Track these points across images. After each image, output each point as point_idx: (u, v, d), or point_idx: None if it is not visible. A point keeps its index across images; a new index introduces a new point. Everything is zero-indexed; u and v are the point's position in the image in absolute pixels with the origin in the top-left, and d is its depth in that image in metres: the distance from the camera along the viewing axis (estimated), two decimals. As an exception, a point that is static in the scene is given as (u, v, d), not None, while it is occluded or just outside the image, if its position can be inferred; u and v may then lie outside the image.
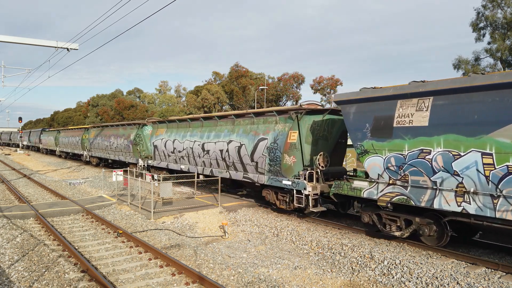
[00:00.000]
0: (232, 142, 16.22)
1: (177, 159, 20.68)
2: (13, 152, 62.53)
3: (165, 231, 12.66)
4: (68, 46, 16.49)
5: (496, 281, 8.00)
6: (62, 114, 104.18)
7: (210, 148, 17.64)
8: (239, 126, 16.48)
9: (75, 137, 40.60)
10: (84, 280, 8.48)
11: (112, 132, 30.81)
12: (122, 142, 28.26)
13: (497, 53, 41.01)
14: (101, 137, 32.89)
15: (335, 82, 63.08)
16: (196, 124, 19.81)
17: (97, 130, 35.07)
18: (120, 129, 29.71)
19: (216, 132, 17.58)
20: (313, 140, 13.90)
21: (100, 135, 33.38)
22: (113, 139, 29.92)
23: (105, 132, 32.42)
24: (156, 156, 23.16)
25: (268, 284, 8.36)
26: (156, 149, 22.80)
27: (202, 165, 18.67)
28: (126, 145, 27.35)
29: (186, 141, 19.64)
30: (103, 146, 32.23)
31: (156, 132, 23.24)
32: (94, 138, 34.64)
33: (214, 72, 68.59)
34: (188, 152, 19.41)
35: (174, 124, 21.84)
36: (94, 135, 34.73)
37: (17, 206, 16.35)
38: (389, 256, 9.55)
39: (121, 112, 69.92)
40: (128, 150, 27.17)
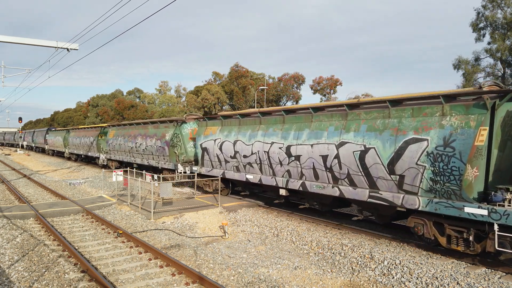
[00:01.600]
0: (347, 145, 11.42)
1: (241, 167, 16.01)
2: (13, 152, 62.53)
3: (165, 231, 12.66)
4: (68, 46, 16.50)
5: (496, 281, 8.00)
6: (62, 114, 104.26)
7: (301, 152, 12.94)
8: (357, 121, 11.46)
9: (88, 138, 36.01)
10: (84, 280, 8.48)
11: (139, 132, 26.18)
12: (153, 143, 23.61)
13: (497, 53, 41.04)
14: (123, 138, 28.23)
15: (334, 82, 63.11)
16: (273, 120, 14.82)
17: (117, 129, 30.51)
18: (150, 128, 25.05)
19: (313, 130, 12.77)
20: (501, 142, 9.39)
21: (122, 135, 28.77)
22: (141, 139, 25.36)
23: (129, 132, 27.77)
24: (205, 161, 18.36)
25: (268, 284, 8.36)
26: (206, 153, 18.06)
27: (286, 176, 13.83)
28: (160, 147, 22.69)
29: (257, 143, 14.96)
30: (126, 148, 27.64)
31: (205, 131, 18.45)
32: (113, 139, 30.04)
33: (214, 72, 68.66)
34: (261, 158, 14.76)
35: (234, 121, 16.95)
36: (114, 135, 30.15)
37: (17, 206, 16.35)
38: (389, 256, 9.55)
39: (121, 112, 69.94)
40: (163, 153, 22.48)
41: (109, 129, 32.50)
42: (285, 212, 15.14)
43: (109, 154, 31.44)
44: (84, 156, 39.31)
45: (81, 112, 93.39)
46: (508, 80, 40.77)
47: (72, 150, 42.16)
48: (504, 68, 42.20)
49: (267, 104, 59.37)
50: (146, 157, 25.06)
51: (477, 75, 43.14)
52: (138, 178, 17.24)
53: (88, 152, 36.58)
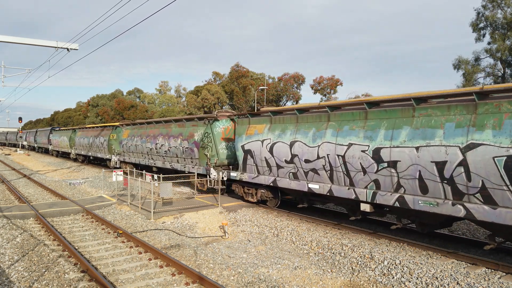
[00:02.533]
0: (481, 148, 8.50)
1: (300, 174, 13.17)
2: (13, 152, 62.52)
3: (165, 231, 12.66)
4: (68, 46, 16.51)
5: (496, 281, 8.00)
6: (62, 114, 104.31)
7: (399, 157, 9.94)
8: (497, 115, 8.46)
9: (98, 138, 33.14)
10: (84, 280, 8.48)
11: (160, 131, 23.67)
12: (178, 144, 21.00)
13: (497, 53, 41.05)
14: (140, 138, 25.68)
15: (335, 82, 63.10)
16: (349, 115, 11.78)
17: (133, 129, 27.89)
18: (174, 127, 22.46)
19: (417, 128, 9.75)
20: None
21: (138, 135, 26.22)
22: (162, 140, 22.79)
23: (148, 131, 25.26)
24: (248, 166, 15.58)
25: (268, 284, 8.36)
26: (250, 156, 15.29)
27: (372, 187, 10.89)
28: (187, 148, 20.11)
29: (326, 145, 12.00)
30: (144, 149, 24.97)
31: (248, 130, 15.62)
32: (128, 139, 27.46)
33: (214, 72, 68.67)
34: (332, 163, 11.84)
35: (289, 117, 13.96)
36: (129, 135, 27.59)
37: (17, 206, 16.35)
38: (389, 256, 9.55)
39: (121, 112, 69.94)
40: (190, 156, 20.06)
41: (122, 128, 29.71)
42: (285, 212, 15.13)
43: (122, 155, 28.72)
44: (93, 157, 36.26)
45: (81, 112, 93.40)
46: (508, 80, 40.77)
47: (79, 151, 39.25)
48: (504, 68, 42.20)
49: (267, 104, 59.36)
50: (169, 159, 22.34)
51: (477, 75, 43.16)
52: (138, 178, 17.24)
53: (98, 153, 33.74)
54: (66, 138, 43.19)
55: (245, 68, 63.54)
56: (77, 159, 41.02)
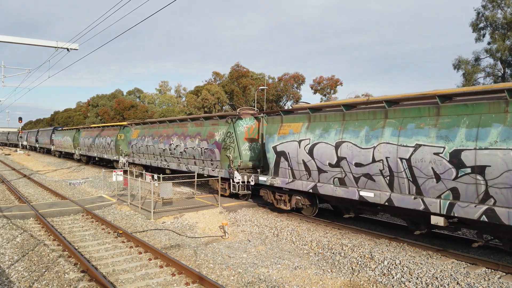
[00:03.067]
0: None
1: (349, 179, 11.47)
2: (13, 152, 62.51)
3: (165, 231, 12.66)
4: (68, 46, 16.51)
5: (496, 281, 8.00)
6: (62, 114, 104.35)
7: (488, 161, 8.39)
8: None
9: (104, 138, 31.48)
10: (84, 280, 8.48)
11: (174, 131, 22.08)
12: (196, 145, 19.42)
13: (497, 53, 41.04)
14: (152, 138, 24.06)
15: (335, 82, 63.08)
16: (414, 111, 10.11)
17: (143, 128, 26.36)
18: (191, 126, 20.93)
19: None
20: None
21: (149, 135, 24.56)
22: (177, 140, 21.24)
23: (160, 131, 23.69)
24: (281, 170, 13.85)
25: (268, 284, 8.36)
26: (284, 159, 13.62)
27: (448, 197, 9.23)
28: (207, 149, 18.48)
29: (384, 146, 10.33)
30: (156, 150, 23.34)
31: (281, 129, 13.94)
32: (138, 139, 25.83)
33: (214, 72, 68.67)
34: (392, 168, 10.17)
35: (333, 115, 12.30)
36: (139, 135, 26.02)
37: (17, 206, 16.35)
38: (389, 256, 9.55)
39: (121, 112, 69.94)
40: (210, 158, 18.38)
41: (131, 128, 28.00)
42: (285, 212, 15.12)
43: (131, 157, 27.00)
44: (99, 158, 34.39)
45: (81, 112, 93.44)
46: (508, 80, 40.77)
47: (83, 151, 37.61)
48: (504, 68, 42.21)
49: (267, 104, 59.38)
50: (185, 161, 20.69)
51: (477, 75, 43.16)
52: (138, 178, 17.24)
53: (104, 154, 32.01)
54: (69, 138, 41.73)
55: (245, 68, 63.56)
56: (81, 160, 39.46)
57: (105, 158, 32.33)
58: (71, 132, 42.34)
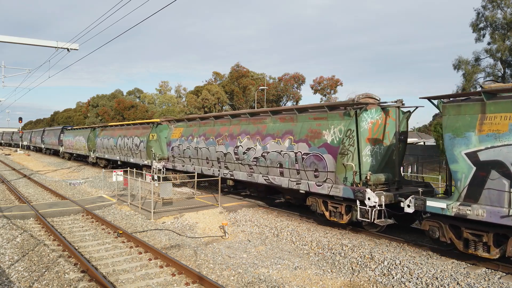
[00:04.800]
0: None
1: None
2: (13, 152, 62.51)
3: (165, 231, 12.67)
4: (68, 46, 16.52)
5: (496, 282, 8.01)
6: (62, 114, 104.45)
7: None
8: None
9: (130, 138, 26.91)
10: (84, 280, 8.48)
11: (242, 128, 16.66)
12: (287, 148, 14.02)
13: (497, 54, 41.04)
14: (204, 138, 18.96)
15: (335, 82, 63.13)
16: None
17: (188, 126, 21.14)
18: (271, 122, 15.32)
19: None
20: None
21: (199, 135, 19.51)
22: (248, 141, 15.92)
23: (217, 129, 18.52)
24: (485, 192, 8.83)
25: (268, 284, 8.36)
26: (498, 173, 8.60)
27: None
28: (308, 154, 13.18)
29: None
30: (212, 154, 18.34)
31: (481, 124, 9.05)
32: (181, 140, 20.86)
33: (215, 72, 68.78)
34: None
35: None
36: (183, 135, 20.95)
37: (17, 206, 16.35)
38: (389, 257, 9.55)
39: (121, 112, 69.95)
40: (315, 167, 12.96)
41: (170, 126, 23.28)
42: (285, 212, 15.12)
43: (170, 161, 21.95)
44: (122, 163, 28.99)
45: (81, 112, 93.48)
46: (508, 80, 40.79)
47: (100, 154, 32.81)
48: (504, 68, 42.22)
49: (267, 104, 59.38)
50: (263, 170, 15.14)
51: (477, 75, 43.17)
52: (138, 178, 17.24)
53: (130, 157, 27.05)
54: (83, 139, 36.69)
55: (245, 68, 63.63)
56: (98, 164, 34.67)
57: (130, 163, 26.79)
58: (85, 131, 37.43)
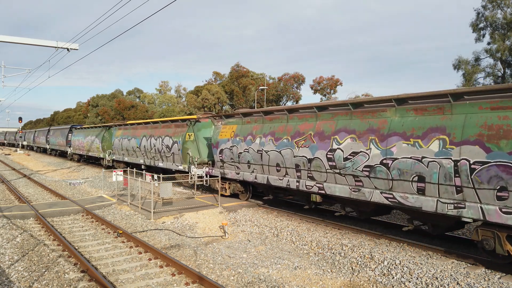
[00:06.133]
0: None
1: None
2: (13, 152, 62.49)
3: (165, 231, 12.66)
4: (68, 46, 16.52)
5: (496, 281, 8.01)
6: (61, 114, 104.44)
7: None
8: None
9: (158, 139, 22.70)
10: (84, 280, 8.47)
11: (338, 124, 11.80)
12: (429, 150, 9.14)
13: (497, 54, 41.05)
14: (269, 139, 14.06)
15: (335, 82, 63.17)
16: None
17: (243, 123, 15.96)
18: (398, 113, 10.26)
19: None
20: None
21: (262, 134, 14.48)
22: (357, 142, 10.98)
23: (289, 126, 13.54)
24: None
25: (268, 284, 8.36)
26: None
27: None
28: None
29: None
30: (284, 160, 13.36)
31: None
32: (234, 141, 15.96)
33: (215, 72, 68.83)
34: None
35: None
36: (236, 135, 15.92)
37: (17, 206, 16.35)
38: (389, 257, 9.55)
39: (121, 112, 69.93)
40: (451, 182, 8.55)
41: (217, 124, 17.88)
42: (285, 212, 15.12)
43: (220, 168, 17.32)
44: (147, 167, 24.93)
45: (81, 112, 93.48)
46: (508, 80, 40.79)
47: (119, 157, 28.73)
48: (504, 68, 42.24)
49: (267, 104, 59.36)
50: (392, 185, 10.18)
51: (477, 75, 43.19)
52: (138, 178, 17.24)
53: (158, 161, 23.00)
54: (97, 139, 32.90)
55: (245, 68, 63.66)
56: (114, 167, 29.73)
57: (159, 167, 22.95)
58: (98, 131, 33.67)
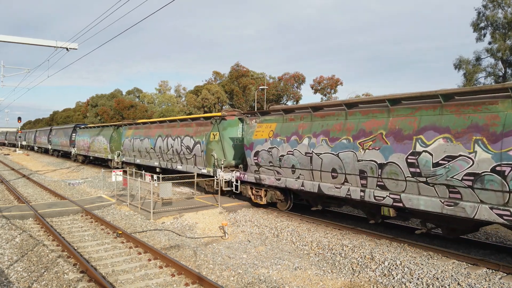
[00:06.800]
0: None
1: None
2: (12, 152, 62.44)
3: (165, 232, 12.63)
4: (67, 46, 16.49)
5: (497, 282, 7.97)
6: (61, 114, 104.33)
7: None
8: None
9: (177, 139, 20.50)
10: (83, 281, 8.44)
11: (421, 121, 9.34)
12: None
13: (498, 53, 41.02)
14: (321, 139, 11.91)
15: (335, 82, 63.16)
16: None
17: (286, 121, 13.62)
18: None
19: None
20: None
21: (312, 134, 12.34)
22: (455, 144, 8.48)
23: (348, 124, 11.30)
24: None
25: (268, 285, 8.32)
26: None
27: None
28: None
29: None
30: (343, 165, 11.14)
31: None
32: (273, 142, 13.69)
33: (215, 71, 68.83)
34: None
35: None
36: (276, 135, 13.69)
37: (16, 206, 16.31)
38: (390, 257, 9.52)
39: (120, 112, 69.88)
40: None
41: (250, 122, 15.14)
42: (285, 212, 15.08)
43: (254, 173, 15.03)
44: (162, 170, 22.92)
45: (80, 112, 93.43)
46: (509, 79, 40.75)
47: (130, 158, 26.87)
48: (505, 68, 42.21)
49: (267, 104, 59.32)
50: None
51: (478, 75, 43.16)
52: (138, 178, 17.20)
53: (177, 164, 20.97)
54: (104, 139, 31.32)
55: (245, 67, 63.66)
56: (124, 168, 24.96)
57: (177, 170, 21.00)
58: (105, 130, 32.06)
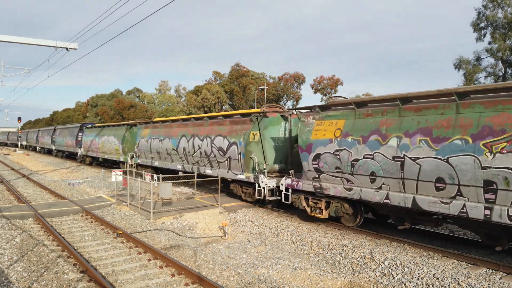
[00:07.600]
0: None
1: None
2: (12, 152, 62.43)
3: (165, 232, 12.63)
4: (67, 46, 16.49)
5: (497, 282, 7.97)
6: (61, 114, 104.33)
7: None
8: None
9: (206, 139, 18.18)
10: (83, 281, 8.44)
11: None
12: None
13: (498, 53, 40.99)
14: (421, 138, 9.34)
15: (335, 82, 63.14)
16: None
17: (359, 117, 11.19)
18: None
19: None
20: None
21: (403, 133, 9.83)
22: None
23: (469, 119, 8.61)
24: None
25: (268, 285, 8.32)
26: None
27: None
28: None
29: None
30: (475, 174, 8.30)
31: None
32: (340, 142, 11.41)
33: (215, 71, 68.78)
34: None
35: None
36: (344, 135, 11.37)
37: (16, 206, 16.31)
38: (390, 257, 9.52)
39: (120, 112, 69.86)
40: None
41: (307, 119, 13.07)
42: (285, 212, 15.09)
43: (314, 181, 12.61)
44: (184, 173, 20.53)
45: (80, 112, 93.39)
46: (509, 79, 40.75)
47: (147, 160, 24.56)
48: (505, 68, 42.19)
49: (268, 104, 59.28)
50: None
51: (478, 75, 43.15)
52: (138, 178, 17.19)
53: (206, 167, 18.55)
54: (115, 139, 28.77)
55: (245, 67, 63.62)
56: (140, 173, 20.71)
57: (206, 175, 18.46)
58: (117, 130, 29.41)
